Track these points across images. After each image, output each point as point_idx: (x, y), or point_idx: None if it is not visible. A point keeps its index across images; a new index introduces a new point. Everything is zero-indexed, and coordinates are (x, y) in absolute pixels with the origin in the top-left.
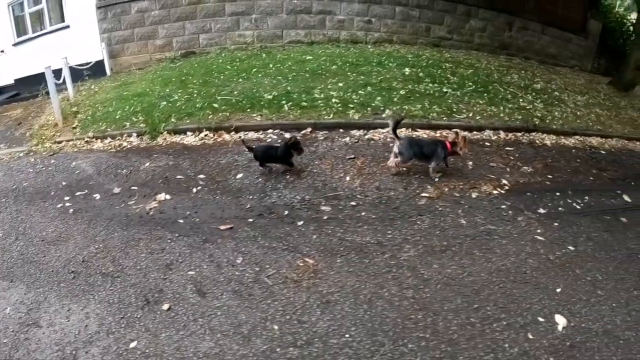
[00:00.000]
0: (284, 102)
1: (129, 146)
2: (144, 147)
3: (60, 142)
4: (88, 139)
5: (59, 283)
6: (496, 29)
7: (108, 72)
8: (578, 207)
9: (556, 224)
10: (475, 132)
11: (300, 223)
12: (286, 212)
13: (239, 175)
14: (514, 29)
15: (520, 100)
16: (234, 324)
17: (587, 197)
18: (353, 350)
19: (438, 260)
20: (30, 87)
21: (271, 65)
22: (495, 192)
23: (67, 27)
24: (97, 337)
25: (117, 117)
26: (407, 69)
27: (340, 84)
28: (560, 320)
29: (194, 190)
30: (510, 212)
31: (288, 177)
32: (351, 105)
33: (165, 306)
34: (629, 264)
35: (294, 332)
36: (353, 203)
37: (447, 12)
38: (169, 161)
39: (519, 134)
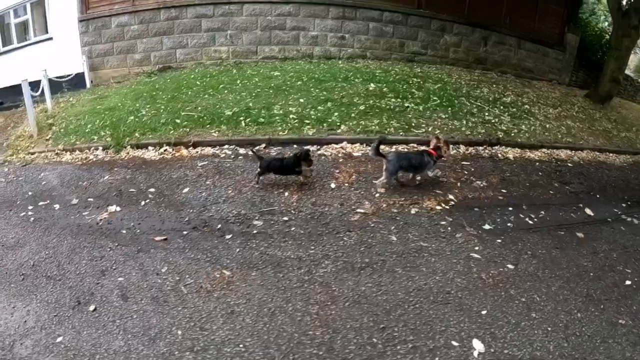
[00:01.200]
0: (242, 118)
1: (94, 159)
2: (107, 160)
3: (33, 154)
4: (58, 152)
5: (10, 284)
6: (471, 43)
7: (88, 84)
8: (530, 222)
9: (499, 240)
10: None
11: (229, 236)
12: (219, 226)
13: (185, 190)
14: (489, 44)
15: (486, 114)
16: (145, 326)
17: (543, 212)
18: (241, 358)
19: (354, 278)
20: (14, 96)
21: (239, 82)
22: (438, 207)
23: (51, 38)
24: (32, 332)
25: (87, 130)
26: (372, 85)
27: (302, 100)
28: (478, 346)
29: (142, 203)
30: (449, 228)
31: (283, 191)
32: (307, 121)
33: (92, 307)
34: (576, 283)
35: (194, 338)
36: (285, 218)
37: (421, 28)
38: (126, 175)
39: (480, 147)
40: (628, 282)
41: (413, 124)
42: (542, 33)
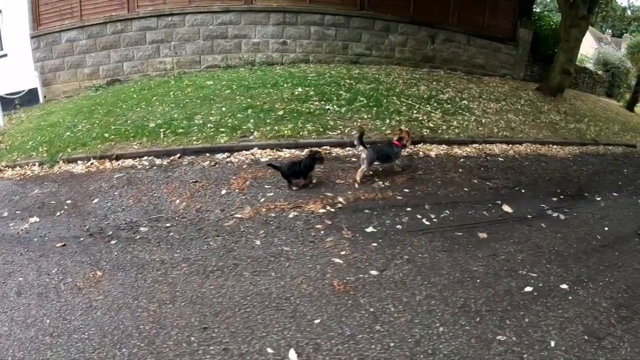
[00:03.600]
0: (163, 129)
1: (31, 174)
2: (42, 175)
3: None
4: (2, 168)
5: None
6: (418, 42)
7: (41, 100)
8: (427, 223)
9: (375, 244)
10: (348, 148)
11: (114, 242)
12: (110, 232)
13: (95, 200)
14: (437, 42)
15: (415, 111)
16: (26, 316)
17: (448, 211)
18: (82, 344)
19: (201, 280)
20: None
21: (172, 93)
22: (321, 210)
23: (5, 55)
24: None
25: (28, 147)
26: (299, 89)
27: (224, 109)
28: (292, 356)
29: (58, 213)
30: (322, 232)
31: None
32: (223, 130)
33: None
34: (452, 292)
35: (56, 326)
36: (168, 224)
37: (365, 29)
38: (53, 188)
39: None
40: (528, 289)
41: (329, 126)
42: (493, 29)
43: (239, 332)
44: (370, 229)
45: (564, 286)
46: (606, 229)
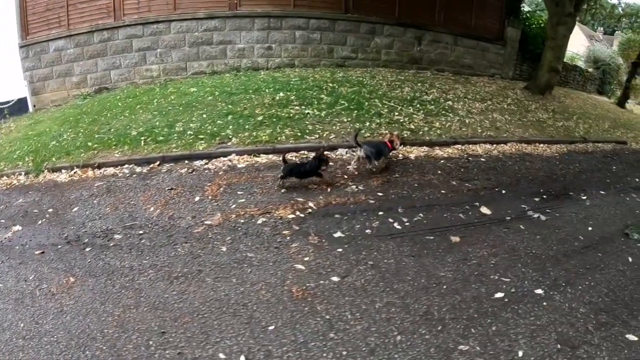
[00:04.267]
0: (143, 137)
1: (17, 184)
2: (27, 184)
3: None
4: None
5: None
6: (404, 44)
7: (31, 109)
8: (398, 227)
9: (340, 250)
10: (327, 152)
11: (88, 249)
12: (86, 240)
13: (75, 209)
14: (424, 43)
15: (397, 113)
16: (2, 320)
17: (422, 214)
18: (51, 346)
19: (165, 286)
20: None
21: (155, 101)
22: (290, 216)
23: None
24: None
25: (15, 156)
26: (281, 94)
27: (204, 115)
28: None
29: (39, 222)
30: (288, 238)
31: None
32: (202, 136)
33: None
34: (415, 299)
35: (29, 329)
36: (141, 232)
37: (350, 32)
38: (36, 197)
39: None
40: (499, 295)
41: (307, 131)
42: (481, 29)
43: (194, 337)
44: (338, 234)
45: (539, 291)
46: (590, 229)
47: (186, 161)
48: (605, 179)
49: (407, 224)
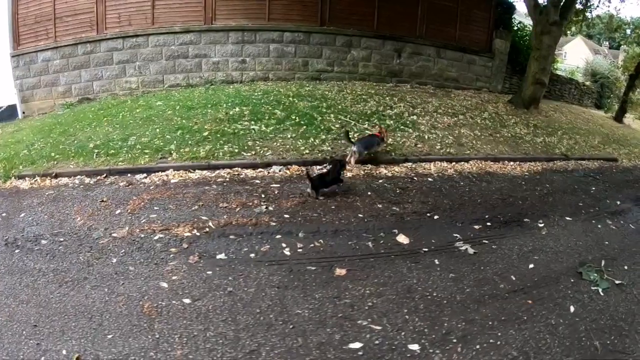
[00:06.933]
0: (97, 150)
1: None
2: None
3: None
4: None
5: None
6: (383, 57)
7: (20, 116)
8: (287, 252)
9: (210, 272)
10: (260, 170)
11: (17, 251)
12: (20, 243)
13: (22, 214)
14: (403, 55)
15: (349, 129)
16: None
17: (322, 240)
18: None
19: (55, 288)
20: None
21: (121, 114)
22: (187, 234)
23: None
24: None
25: None
26: (237, 109)
27: (158, 130)
28: None
29: None
30: (172, 255)
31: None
32: (147, 151)
33: None
34: (253, 335)
35: None
36: (62, 239)
37: (326, 45)
38: None
39: (318, 167)
40: (355, 345)
41: (246, 147)
42: (466, 40)
43: (53, 334)
44: (220, 256)
45: (414, 347)
46: (531, 266)
47: (129, 174)
48: (577, 202)
49: (299, 250)
